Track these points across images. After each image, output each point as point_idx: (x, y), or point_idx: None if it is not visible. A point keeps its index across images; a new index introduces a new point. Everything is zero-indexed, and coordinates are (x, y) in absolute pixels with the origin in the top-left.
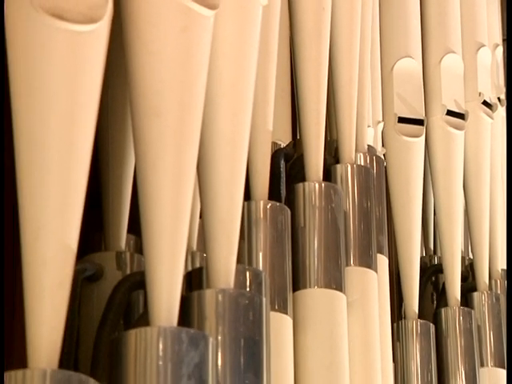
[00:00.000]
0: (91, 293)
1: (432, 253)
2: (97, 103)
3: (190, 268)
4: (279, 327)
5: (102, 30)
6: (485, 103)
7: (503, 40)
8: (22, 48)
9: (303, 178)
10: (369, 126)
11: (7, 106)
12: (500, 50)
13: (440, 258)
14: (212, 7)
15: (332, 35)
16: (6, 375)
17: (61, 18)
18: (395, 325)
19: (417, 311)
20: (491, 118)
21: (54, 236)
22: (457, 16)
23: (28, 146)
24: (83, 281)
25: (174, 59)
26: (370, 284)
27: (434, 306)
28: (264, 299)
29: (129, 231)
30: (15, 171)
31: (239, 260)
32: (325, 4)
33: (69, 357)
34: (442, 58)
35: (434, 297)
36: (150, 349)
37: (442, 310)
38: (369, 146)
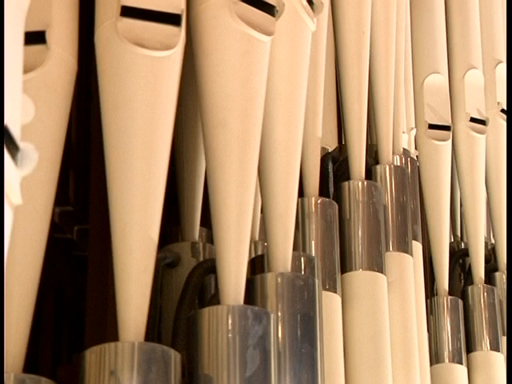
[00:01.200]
0: (170, 277)
1: (459, 239)
2: (173, 116)
3: (253, 255)
4: (330, 304)
5: (176, 54)
6: (503, 111)
7: None
8: (110, 71)
9: (348, 178)
10: (403, 132)
11: (97, 120)
12: None
13: (466, 244)
14: (269, 34)
15: (371, 55)
16: (102, 347)
17: (142, 45)
18: (428, 301)
19: (447, 289)
20: None
21: (139, 229)
22: (478, 35)
23: (116, 155)
24: (164, 267)
25: (237, 78)
26: (407, 266)
27: (462, 284)
28: (316, 281)
29: (201, 224)
30: (105, 177)
31: (295, 248)
32: (364, 28)
33: (153, 331)
34: (465, 73)
35: (462, 276)
36: (221, 324)
37: (469, 287)
38: (404, 149)
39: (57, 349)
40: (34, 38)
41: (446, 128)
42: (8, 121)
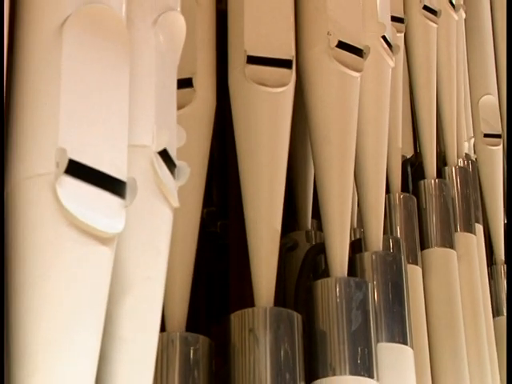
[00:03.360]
0: (291, 258)
1: None
2: (288, 136)
3: (353, 239)
4: (413, 274)
5: (289, 90)
6: None
7: None
8: (241, 105)
9: (423, 177)
10: (465, 141)
11: (232, 142)
12: None
13: None
14: (358, 70)
15: (438, 82)
16: (243, 312)
17: (263, 84)
18: (489, 269)
19: (503, 259)
20: None
21: (266, 223)
22: None
23: (247, 167)
24: (286, 250)
25: (336, 105)
26: (472, 243)
27: None
28: (402, 257)
29: (313, 217)
30: (240, 184)
31: (385, 232)
32: (432, 63)
33: (280, 298)
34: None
35: None
36: (331, 292)
37: None
38: (466, 154)
39: (209, 313)
40: (184, 83)
41: (498, 136)
42: (167, 146)
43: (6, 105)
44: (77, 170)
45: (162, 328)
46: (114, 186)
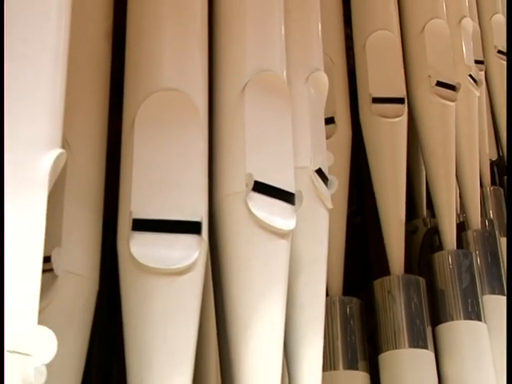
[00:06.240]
0: (414, 238)
1: None
2: (405, 151)
3: (458, 221)
4: (504, 244)
5: (404, 119)
6: None
7: None
8: (370, 133)
9: (505, 174)
10: None
11: (365, 163)
12: None
13: None
14: (453, 100)
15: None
16: (383, 279)
17: (385, 116)
18: None
19: None
20: None
21: (394, 215)
22: None
23: (378, 177)
24: (409, 234)
25: (438, 127)
26: None
27: None
28: (496, 232)
29: (427, 208)
30: (374, 187)
31: (481, 215)
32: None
33: (408, 267)
34: None
35: None
36: (446, 261)
37: None
38: None
39: (357, 281)
40: (329, 120)
41: None
42: (321, 165)
43: (210, 141)
44: (260, 188)
45: (326, 294)
46: (286, 197)
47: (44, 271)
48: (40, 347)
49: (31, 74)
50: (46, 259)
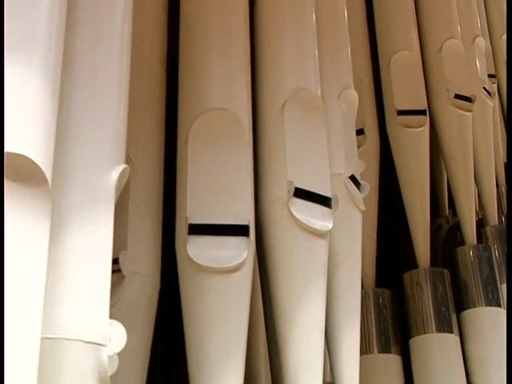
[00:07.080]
0: (438, 235)
1: None
2: (428, 157)
3: (477, 219)
4: None
5: (426, 128)
6: None
7: None
8: (396, 142)
9: None
10: None
11: (392, 167)
12: None
13: None
14: (469, 111)
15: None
16: (411, 272)
17: (409, 126)
18: None
19: None
20: None
21: (421, 216)
22: None
23: (405, 181)
24: (434, 231)
25: (457, 135)
26: None
27: None
28: None
29: (448, 207)
30: (400, 192)
31: (498, 212)
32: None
33: (434, 260)
34: None
35: None
36: (467, 254)
37: None
38: None
39: (389, 274)
40: (359, 132)
41: None
42: (354, 172)
43: (254, 153)
44: (300, 193)
45: (361, 286)
46: (324, 201)
47: (113, 272)
48: (112, 338)
49: (99, 102)
50: (115, 261)
